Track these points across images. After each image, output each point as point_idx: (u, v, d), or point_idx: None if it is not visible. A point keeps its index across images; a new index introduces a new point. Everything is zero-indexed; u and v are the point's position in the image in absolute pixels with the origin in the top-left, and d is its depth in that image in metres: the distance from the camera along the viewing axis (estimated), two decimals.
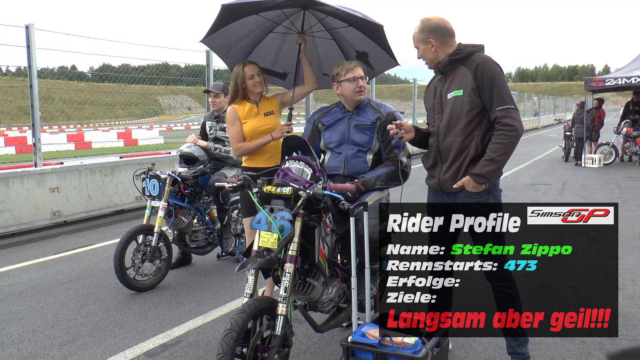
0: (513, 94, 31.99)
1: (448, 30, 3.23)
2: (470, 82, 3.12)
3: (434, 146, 3.31)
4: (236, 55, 4.45)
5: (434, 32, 3.22)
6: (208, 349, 3.95)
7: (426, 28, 3.23)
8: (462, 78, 3.17)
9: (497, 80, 3.07)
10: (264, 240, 3.08)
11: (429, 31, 3.22)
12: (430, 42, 3.23)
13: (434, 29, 3.22)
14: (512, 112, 3.02)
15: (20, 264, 6.31)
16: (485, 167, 3.02)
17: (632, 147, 15.69)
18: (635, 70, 14.70)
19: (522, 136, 3.03)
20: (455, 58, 3.19)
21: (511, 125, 2.99)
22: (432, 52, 3.25)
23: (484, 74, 3.08)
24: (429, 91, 3.47)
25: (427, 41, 3.23)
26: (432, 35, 3.22)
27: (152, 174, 5.50)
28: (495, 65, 3.13)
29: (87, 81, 16.33)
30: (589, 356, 3.69)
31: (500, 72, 3.12)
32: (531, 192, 10.72)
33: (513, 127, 2.99)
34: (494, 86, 3.07)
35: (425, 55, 3.29)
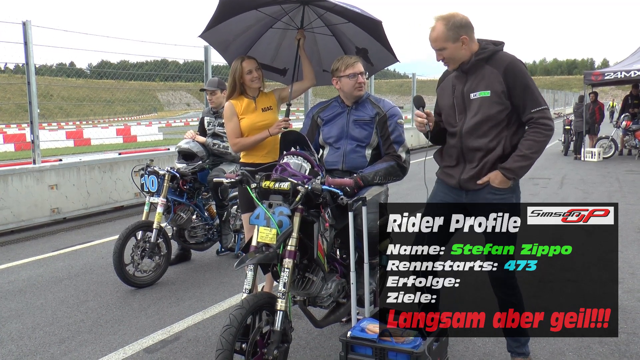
0: None
1: (472, 25, 3.07)
2: (499, 83, 3.00)
3: (456, 147, 3.18)
4: (235, 51, 4.44)
5: (464, 28, 3.02)
6: (207, 345, 3.95)
7: (456, 24, 3.01)
8: (488, 78, 3.03)
9: (529, 82, 2.99)
10: (262, 236, 3.08)
11: (459, 27, 3.01)
12: (462, 40, 3.02)
13: (464, 24, 3.02)
14: (547, 112, 2.97)
15: (19, 261, 6.31)
16: (517, 162, 2.98)
17: (631, 141, 15.69)
18: (635, 64, 14.68)
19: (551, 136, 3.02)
20: (481, 57, 3.05)
21: (547, 125, 2.95)
22: (464, 50, 3.05)
23: (516, 76, 2.98)
24: (444, 88, 3.30)
25: (459, 38, 3.02)
26: (464, 31, 3.01)
27: (150, 170, 5.49)
28: (524, 65, 3.05)
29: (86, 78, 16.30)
30: (588, 350, 3.69)
31: (528, 73, 3.04)
32: (530, 186, 10.71)
33: (549, 127, 2.95)
34: (527, 89, 2.98)
35: (456, 54, 3.07)
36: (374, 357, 3.07)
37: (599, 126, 16.56)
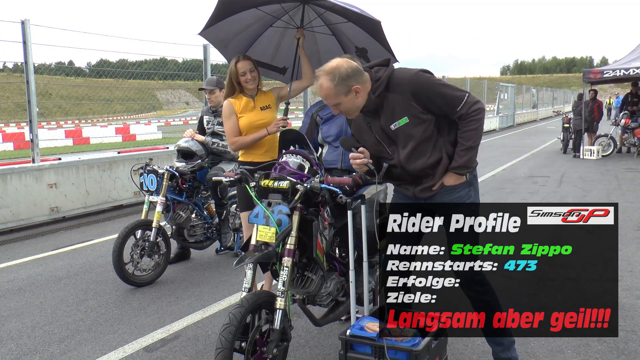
0: (511, 86, 31.78)
1: (358, 67, 2.86)
2: (411, 107, 2.86)
3: (402, 174, 3.06)
4: (235, 49, 4.43)
5: (353, 77, 2.82)
6: (207, 344, 3.95)
7: (342, 77, 2.79)
8: (399, 105, 2.88)
9: (439, 88, 2.85)
10: (261, 235, 3.08)
11: (346, 79, 2.80)
12: (354, 90, 2.83)
13: (350, 74, 2.81)
14: (470, 99, 2.84)
15: (18, 260, 6.31)
16: (463, 157, 2.89)
17: (630, 139, 15.70)
18: (634, 62, 14.68)
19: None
20: (379, 92, 2.87)
21: (476, 110, 2.84)
22: (360, 97, 2.87)
23: (425, 92, 2.83)
24: (360, 126, 3.11)
25: (351, 90, 2.82)
26: (353, 81, 2.81)
27: (150, 169, 5.50)
28: (421, 73, 2.87)
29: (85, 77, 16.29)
30: (587, 348, 3.70)
31: (430, 77, 2.88)
32: (530, 184, 10.72)
33: (478, 111, 2.84)
34: (441, 96, 2.84)
35: (352, 104, 2.89)
36: (373, 356, 3.07)
37: (597, 124, 16.57)
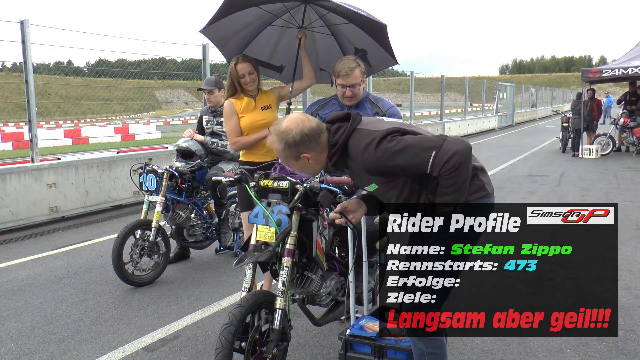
0: (510, 85, 31.76)
1: (314, 130, 2.57)
2: (374, 178, 2.63)
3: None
4: (234, 47, 4.43)
5: (303, 144, 2.56)
6: (207, 344, 3.95)
7: (290, 144, 2.55)
8: (362, 173, 2.64)
9: (392, 162, 2.47)
10: (261, 234, 3.08)
11: (295, 146, 2.56)
12: (304, 158, 2.60)
13: (299, 141, 2.55)
14: (438, 159, 2.41)
15: (18, 259, 6.31)
16: (444, 197, 2.56)
17: (629, 138, 15.71)
18: (632, 61, 14.68)
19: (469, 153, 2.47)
20: (336, 160, 2.61)
21: (448, 168, 2.41)
22: (312, 163, 2.64)
23: (377, 170, 2.54)
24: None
25: (300, 157, 2.59)
26: (303, 149, 2.57)
27: (149, 169, 5.50)
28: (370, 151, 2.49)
29: (84, 76, 16.28)
30: (586, 347, 3.71)
31: (380, 155, 2.47)
32: (529, 184, 10.73)
33: (452, 169, 2.41)
34: (397, 167, 2.49)
35: (307, 168, 2.70)
36: (372, 355, 3.08)
37: (597, 123, 16.58)
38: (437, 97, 24.72)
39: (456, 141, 2.45)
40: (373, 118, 2.82)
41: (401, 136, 2.49)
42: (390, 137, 2.47)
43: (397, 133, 2.50)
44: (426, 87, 45.35)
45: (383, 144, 2.46)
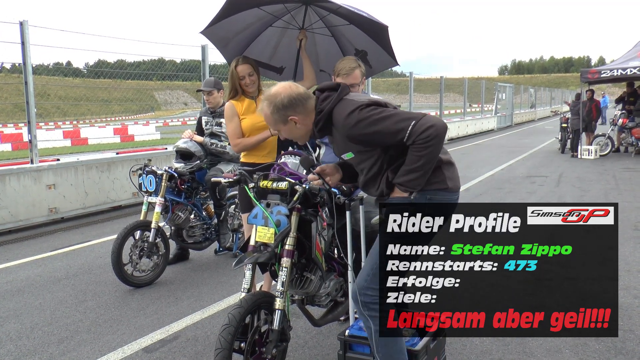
0: (509, 86, 31.74)
1: (302, 96, 2.73)
2: (353, 145, 2.74)
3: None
4: (234, 48, 4.44)
5: (290, 108, 2.71)
6: (206, 344, 3.96)
7: (278, 107, 2.71)
8: (342, 142, 2.77)
9: (372, 127, 2.59)
10: (260, 235, 3.09)
11: (283, 109, 2.71)
12: (291, 121, 2.74)
13: (287, 104, 2.70)
14: (418, 126, 2.52)
15: (17, 261, 6.31)
16: (404, 176, 2.64)
17: (627, 138, 15.73)
18: (631, 61, 14.70)
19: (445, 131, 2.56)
20: (320, 127, 2.75)
21: (424, 137, 2.51)
22: (299, 128, 2.77)
23: (356, 135, 2.65)
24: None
25: (288, 120, 2.74)
26: (290, 112, 2.72)
27: (148, 170, 5.50)
28: (352, 116, 2.62)
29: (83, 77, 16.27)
30: (585, 347, 3.72)
31: (361, 120, 2.60)
32: (528, 184, 10.74)
33: (427, 137, 2.51)
34: (376, 133, 2.61)
35: (294, 133, 2.82)
36: (372, 356, 3.08)
37: (595, 124, 16.59)
38: (436, 98, 24.74)
39: (435, 117, 2.58)
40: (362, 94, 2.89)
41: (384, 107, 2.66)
42: (374, 106, 2.64)
43: (381, 106, 2.66)
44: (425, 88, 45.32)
45: (366, 110, 2.61)
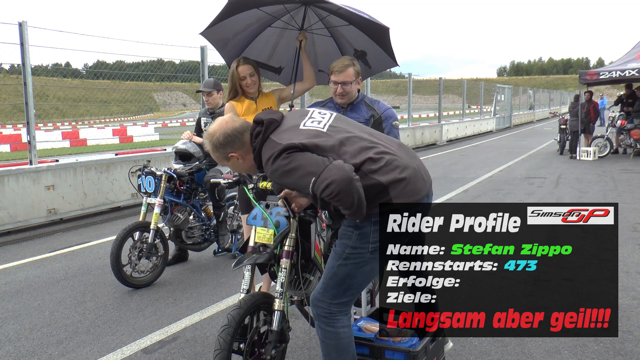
0: (508, 87, 31.78)
1: (237, 131, 2.73)
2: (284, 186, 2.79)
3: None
4: (233, 49, 4.44)
5: (228, 145, 2.74)
6: (205, 345, 3.96)
7: (217, 145, 2.74)
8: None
9: (283, 177, 2.58)
10: (260, 236, 3.09)
11: (222, 146, 2.74)
12: (233, 157, 2.78)
13: (223, 142, 2.73)
14: (317, 184, 2.46)
15: (16, 262, 6.31)
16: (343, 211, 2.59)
17: (626, 140, 15.74)
18: (630, 63, 14.72)
19: (349, 182, 2.43)
20: (259, 165, 2.74)
21: (327, 195, 2.46)
22: (243, 163, 2.81)
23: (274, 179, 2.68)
24: None
25: (229, 156, 2.78)
26: (229, 149, 2.75)
27: (147, 171, 5.50)
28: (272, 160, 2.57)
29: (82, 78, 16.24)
30: (583, 348, 3.72)
31: (276, 168, 2.56)
32: (526, 186, 10.75)
33: (330, 195, 2.45)
34: (286, 185, 2.70)
35: (240, 168, 2.88)
36: (371, 356, 3.09)
37: (593, 125, 16.62)
38: (435, 99, 24.76)
39: (337, 169, 2.45)
40: (294, 120, 2.77)
41: (298, 152, 2.54)
42: (285, 155, 2.53)
43: (295, 149, 2.54)
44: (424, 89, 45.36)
45: (277, 161, 2.55)
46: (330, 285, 2.75)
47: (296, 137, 2.61)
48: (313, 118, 2.78)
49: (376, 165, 2.58)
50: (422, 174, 2.72)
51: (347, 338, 2.80)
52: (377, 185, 2.56)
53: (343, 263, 2.71)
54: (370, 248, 2.66)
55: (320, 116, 2.80)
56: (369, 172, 2.56)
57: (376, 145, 2.66)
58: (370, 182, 2.54)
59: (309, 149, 2.55)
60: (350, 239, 2.69)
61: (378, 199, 2.58)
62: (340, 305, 2.76)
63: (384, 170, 2.58)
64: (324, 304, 2.76)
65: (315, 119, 2.76)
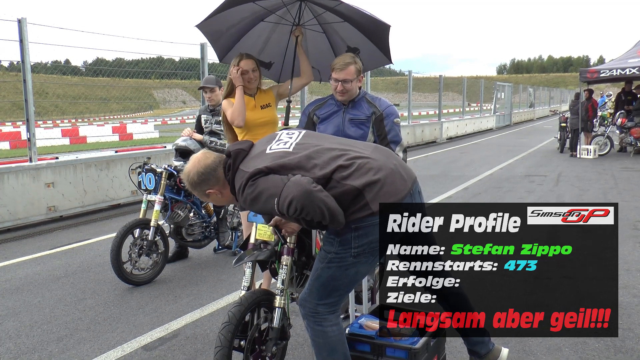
0: (508, 85, 31.78)
1: (210, 167, 2.72)
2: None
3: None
4: (226, 42, 4.43)
5: (204, 183, 2.73)
6: (206, 342, 3.96)
7: (193, 184, 2.75)
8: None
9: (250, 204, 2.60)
10: (260, 233, 3.09)
11: (196, 186, 2.75)
12: (210, 193, 2.77)
13: (197, 180, 2.72)
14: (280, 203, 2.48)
15: (16, 259, 6.30)
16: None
17: (626, 138, 15.73)
18: (630, 61, 14.71)
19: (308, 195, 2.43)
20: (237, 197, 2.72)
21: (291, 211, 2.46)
22: (222, 197, 2.80)
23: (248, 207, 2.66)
24: None
25: (207, 193, 2.77)
26: (206, 187, 2.74)
27: (147, 168, 5.50)
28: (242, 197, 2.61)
29: (81, 75, 16.25)
30: (584, 345, 3.72)
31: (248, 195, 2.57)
32: (526, 183, 10.75)
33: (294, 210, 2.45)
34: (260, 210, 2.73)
35: (221, 202, 2.86)
36: (372, 354, 3.08)
37: (592, 123, 16.60)
38: (435, 97, 24.75)
39: (294, 185, 2.46)
40: (261, 146, 2.77)
41: (262, 177, 2.54)
42: (251, 182, 2.55)
43: (260, 175, 2.55)
44: (424, 87, 45.40)
45: (246, 190, 2.57)
46: (316, 286, 2.76)
47: (262, 162, 2.61)
48: (280, 140, 2.78)
49: (347, 171, 2.57)
50: (402, 174, 2.68)
51: (335, 336, 2.80)
52: (352, 191, 2.55)
53: (326, 266, 2.71)
54: (353, 252, 2.66)
55: (287, 137, 2.80)
56: (341, 179, 2.55)
57: (347, 153, 2.65)
58: (343, 189, 2.54)
59: (274, 170, 2.56)
60: (333, 246, 2.69)
61: (355, 205, 2.58)
62: (326, 306, 2.76)
63: (355, 175, 2.57)
64: (310, 304, 2.76)
65: (282, 141, 2.77)
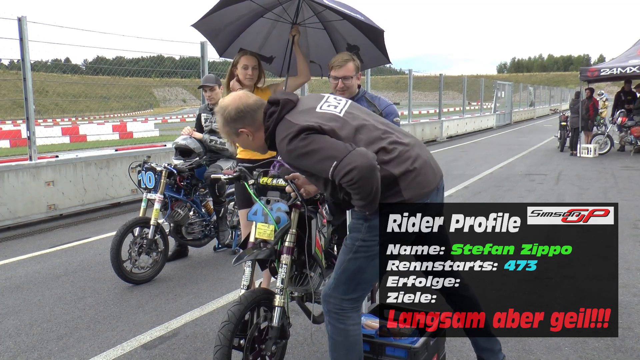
0: (508, 84, 31.76)
1: (250, 107, 2.66)
2: (296, 169, 2.77)
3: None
4: (224, 39, 4.44)
5: (239, 120, 2.66)
6: (205, 341, 3.96)
7: (228, 119, 2.67)
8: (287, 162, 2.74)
9: (303, 158, 2.52)
10: (260, 232, 3.09)
11: (233, 121, 2.67)
12: (242, 133, 2.70)
13: (234, 116, 2.66)
14: (338, 169, 2.41)
15: (16, 257, 6.30)
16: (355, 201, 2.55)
17: (626, 137, 15.72)
18: (630, 60, 14.69)
19: (371, 170, 2.40)
20: (270, 145, 2.71)
21: (347, 181, 2.41)
22: (254, 140, 2.73)
23: (292, 161, 2.61)
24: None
25: (239, 132, 2.70)
26: (240, 124, 2.67)
27: (147, 167, 5.50)
28: (289, 140, 2.52)
29: (81, 74, 16.23)
30: (584, 344, 3.72)
31: (294, 147, 2.51)
32: (527, 182, 10.74)
33: (350, 182, 2.40)
34: (306, 167, 2.58)
35: (248, 145, 2.80)
36: (371, 353, 3.08)
37: (592, 122, 16.59)
38: (435, 96, 24.74)
39: (360, 155, 2.41)
40: (310, 103, 2.73)
41: (317, 135, 2.49)
42: (303, 135, 2.49)
43: (312, 131, 2.49)
44: (424, 86, 45.36)
45: (295, 141, 2.50)
46: (342, 280, 2.73)
47: (313, 119, 2.56)
48: (329, 102, 2.74)
49: (389, 155, 2.56)
50: (433, 167, 2.70)
51: (356, 336, 2.79)
52: (389, 177, 2.54)
53: (353, 257, 2.69)
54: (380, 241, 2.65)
55: (336, 101, 2.77)
56: (382, 162, 2.52)
57: (389, 135, 2.64)
58: (382, 174, 2.50)
59: (327, 132, 2.52)
60: (360, 232, 2.66)
61: (387, 190, 2.56)
62: (351, 302, 2.74)
63: (396, 162, 2.56)
64: (335, 299, 2.73)
65: (331, 104, 2.73)
